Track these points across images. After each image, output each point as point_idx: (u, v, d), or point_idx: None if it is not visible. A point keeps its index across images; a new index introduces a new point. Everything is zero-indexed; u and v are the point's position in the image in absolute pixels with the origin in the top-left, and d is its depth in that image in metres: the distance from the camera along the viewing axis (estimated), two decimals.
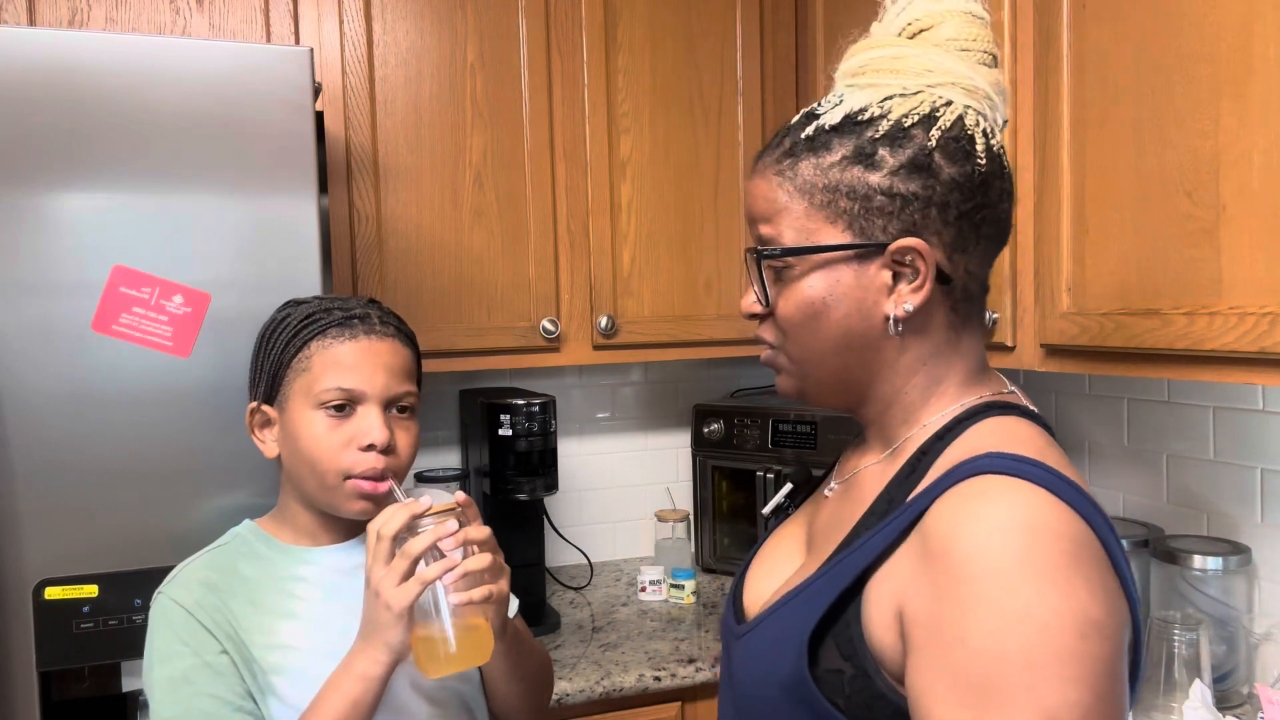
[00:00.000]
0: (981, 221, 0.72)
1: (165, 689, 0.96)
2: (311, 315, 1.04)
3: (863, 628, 0.67)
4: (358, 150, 1.70)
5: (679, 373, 2.33)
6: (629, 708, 1.61)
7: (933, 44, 0.72)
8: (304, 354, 1.02)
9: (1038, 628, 0.58)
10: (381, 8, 1.71)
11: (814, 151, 0.72)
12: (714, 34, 1.92)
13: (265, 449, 1.07)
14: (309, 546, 1.07)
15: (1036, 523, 0.61)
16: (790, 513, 0.93)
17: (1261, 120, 0.98)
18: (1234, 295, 1.02)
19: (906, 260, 0.70)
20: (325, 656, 0.97)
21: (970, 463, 0.66)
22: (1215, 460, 1.48)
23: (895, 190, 0.70)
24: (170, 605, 1.00)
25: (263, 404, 1.06)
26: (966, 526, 0.62)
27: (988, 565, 0.60)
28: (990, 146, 0.72)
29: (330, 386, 1.00)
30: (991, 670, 0.58)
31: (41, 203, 1.17)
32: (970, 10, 0.73)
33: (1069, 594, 0.59)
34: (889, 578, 0.66)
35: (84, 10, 1.53)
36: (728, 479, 2.12)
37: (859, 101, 0.72)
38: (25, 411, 1.17)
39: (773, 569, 0.85)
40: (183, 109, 1.22)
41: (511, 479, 1.77)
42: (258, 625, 1.01)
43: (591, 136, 1.84)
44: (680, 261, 1.92)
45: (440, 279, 1.76)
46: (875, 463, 0.78)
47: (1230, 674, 1.38)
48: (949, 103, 0.71)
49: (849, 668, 0.67)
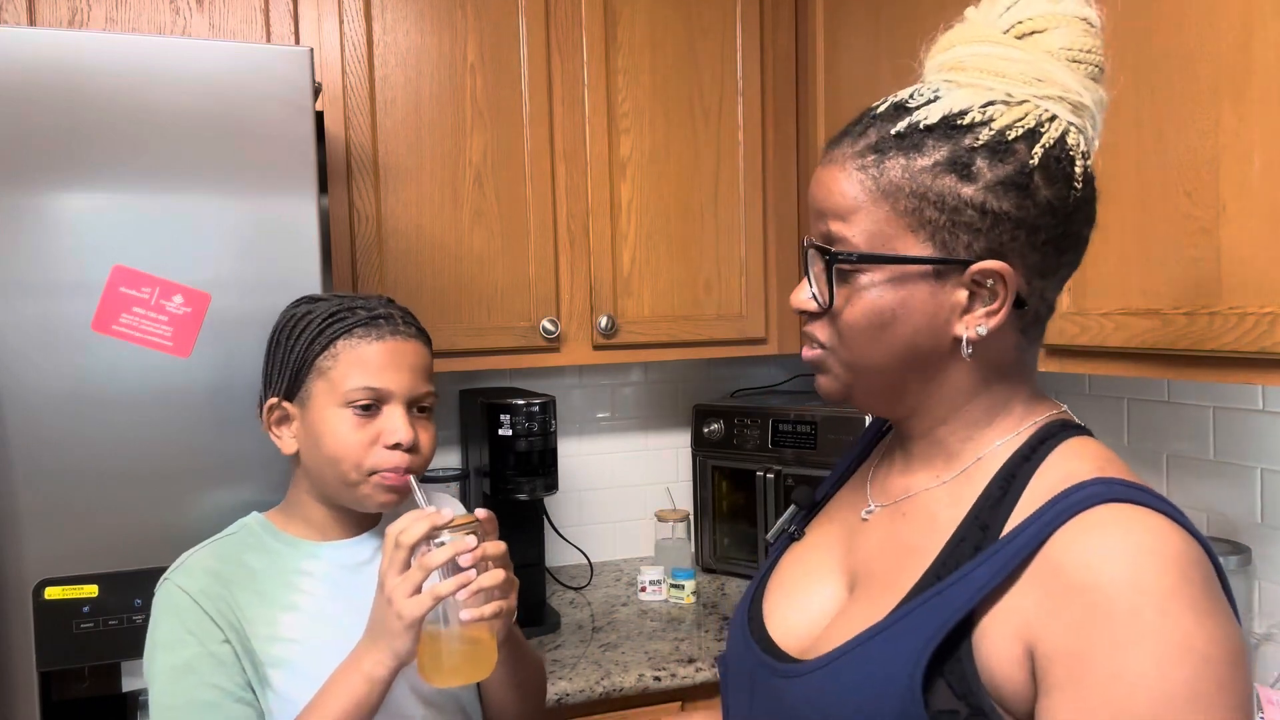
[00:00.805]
0: (1066, 248, 0.68)
1: (168, 677, 0.96)
2: (336, 313, 1.04)
3: (975, 665, 0.63)
4: (358, 150, 1.70)
5: (679, 373, 2.33)
6: (629, 708, 1.61)
7: (1044, 49, 0.66)
8: (329, 352, 1.02)
9: (1200, 660, 0.56)
10: (381, 8, 1.71)
11: (904, 151, 0.66)
12: (714, 34, 1.92)
13: (283, 445, 1.06)
14: (317, 541, 1.07)
15: (1175, 552, 0.59)
16: (797, 537, 0.87)
17: (1261, 120, 0.98)
18: (1234, 295, 1.02)
19: (987, 283, 0.66)
20: (326, 651, 0.98)
21: (1084, 489, 0.63)
22: (1215, 460, 1.48)
23: (988, 207, 0.65)
24: (176, 592, 1.00)
25: (283, 400, 1.06)
26: (1109, 558, 0.59)
27: (1142, 598, 0.57)
28: (1087, 169, 0.67)
29: (358, 386, 1.01)
30: (1158, 705, 0.56)
31: (41, 203, 1.17)
32: (1087, 17, 0.68)
33: (1221, 622, 0.58)
34: (1009, 611, 0.63)
35: (84, 10, 1.53)
36: (728, 479, 2.12)
37: (959, 102, 0.66)
38: (25, 411, 1.17)
39: (801, 600, 0.79)
40: (183, 109, 1.22)
41: (511, 479, 1.77)
42: (261, 617, 1.01)
43: (591, 136, 1.84)
44: (680, 261, 1.92)
45: (440, 279, 1.76)
46: (939, 483, 0.73)
47: None
48: (1054, 118, 0.66)
49: (964, 708, 0.63)
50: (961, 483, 0.72)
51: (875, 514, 0.78)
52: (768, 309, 1.99)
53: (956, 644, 0.64)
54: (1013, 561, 0.63)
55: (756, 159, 1.96)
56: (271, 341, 1.08)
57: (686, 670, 1.62)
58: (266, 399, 1.07)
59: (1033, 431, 0.71)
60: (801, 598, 0.79)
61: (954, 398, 0.72)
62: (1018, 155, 0.65)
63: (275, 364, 1.07)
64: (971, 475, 0.71)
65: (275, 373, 1.06)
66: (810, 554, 0.83)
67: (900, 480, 0.77)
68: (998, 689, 0.62)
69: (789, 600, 0.80)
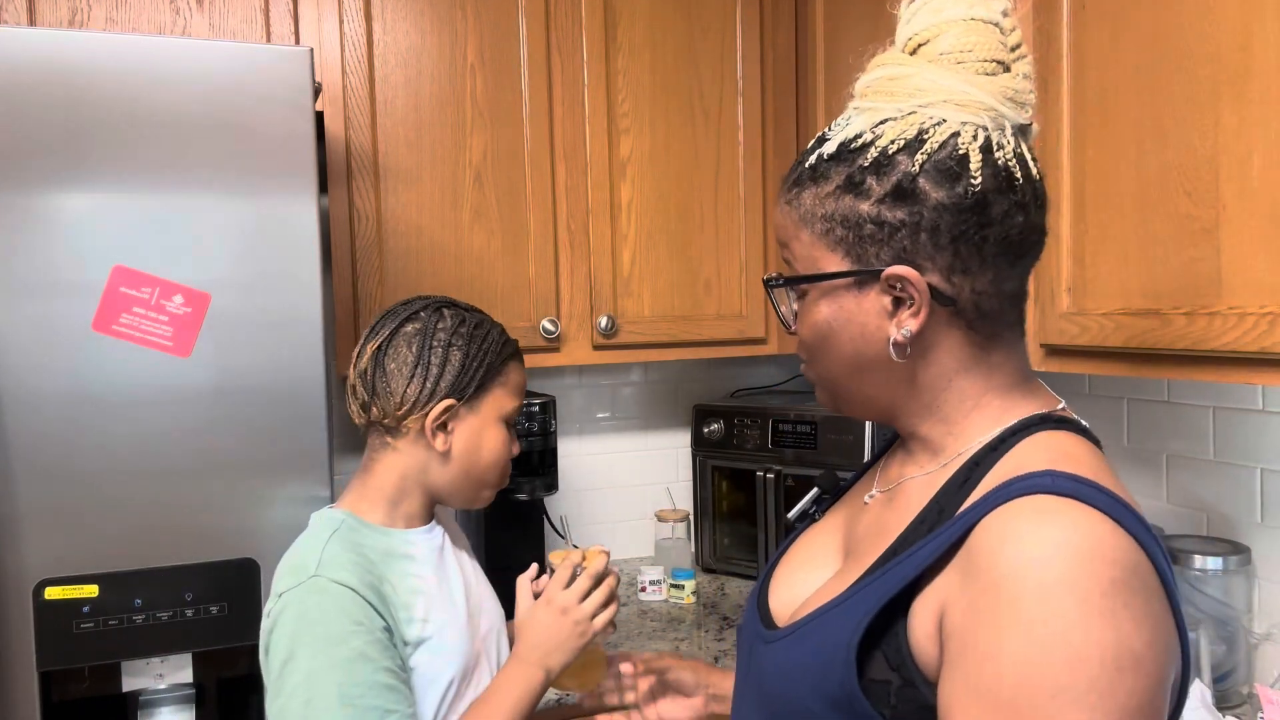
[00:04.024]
0: (983, 241, 0.70)
1: (345, 669, 0.96)
2: (503, 332, 1.17)
3: (909, 638, 0.66)
4: (358, 150, 1.70)
5: (679, 373, 2.33)
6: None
7: (928, 59, 0.71)
8: (507, 369, 1.15)
9: (1073, 655, 0.56)
10: (381, 8, 1.71)
11: (814, 181, 0.73)
12: (714, 34, 1.92)
13: (437, 443, 1.10)
14: (403, 529, 1.12)
15: (1089, 547, 0.59)
16: (816, 518, 0.92)
17: (1261, 120, 0.98)
18: (1234, 295, 1.02)
19: (898, 287, 0.70)
20: (448, 629, 1.09)
21: (1025, 479, 0.64)
22: (1215, 460, 1.48)
23: (883, 218, 0.70)
24: (338, 588, 1.00)
25: (460, 403, 1.11)
26: (1014, 544, 0.61)
27: (1029, 585, 0.58)
28: (993, 161, 0.69)
29: (516, 406, 1.17)
30: (1019, 693, 0.57)
31: (41, 203, 1.17)
32: (972, 16, 0.71)
33: (1111, 623, 0.57)
34: (935, 589, 0.66)
35: (84, 10, 1.53)
36: (728, 479, 2.12)
37: (855, 128, 0.72)
38: (25, 412, 1.17)
39: (803, 575, 0.84)
40: (183, 109, 1.22)
41: (511, 479, 1.77)
42: (400, 602, 1.06)
43: (591, 136, 1.84)
44: (680, 261, 1.92)
45: (440, 279, 1.76)
46: (924, 473, 0.77)
47: (1230, 674, 1.38)
48: (941, 122, 0.69)
49: (896, 678, 0.66)
50: (942, 474, 0.75)
51: (874, 499, 0.83)
52: (768, 309, 1.99)
53: (896, 617, 0.67)
54: (947, 542, 0.66)
55: (756, 159, 1.96)
56: (436, 343, 1.10)
57: None
58: (438, 399, 1.09)
59: (1011, 423, 0.73)
60: (802, 574, 0.84)
61: (919, 396, 0.75)
62: (900, 166, 0.69)
63: (451, 367, 1.10)
64: (950, 466, 0.74)
65: (452, 376, 1.10)
66: (819, 536, 0.88)
67: (898, 470, 0.82)
68: (924, 662, 0.66)
69: (792, 576, 0.85)
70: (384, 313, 1.15)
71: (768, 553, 1.98)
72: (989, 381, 0.74)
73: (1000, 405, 0.74)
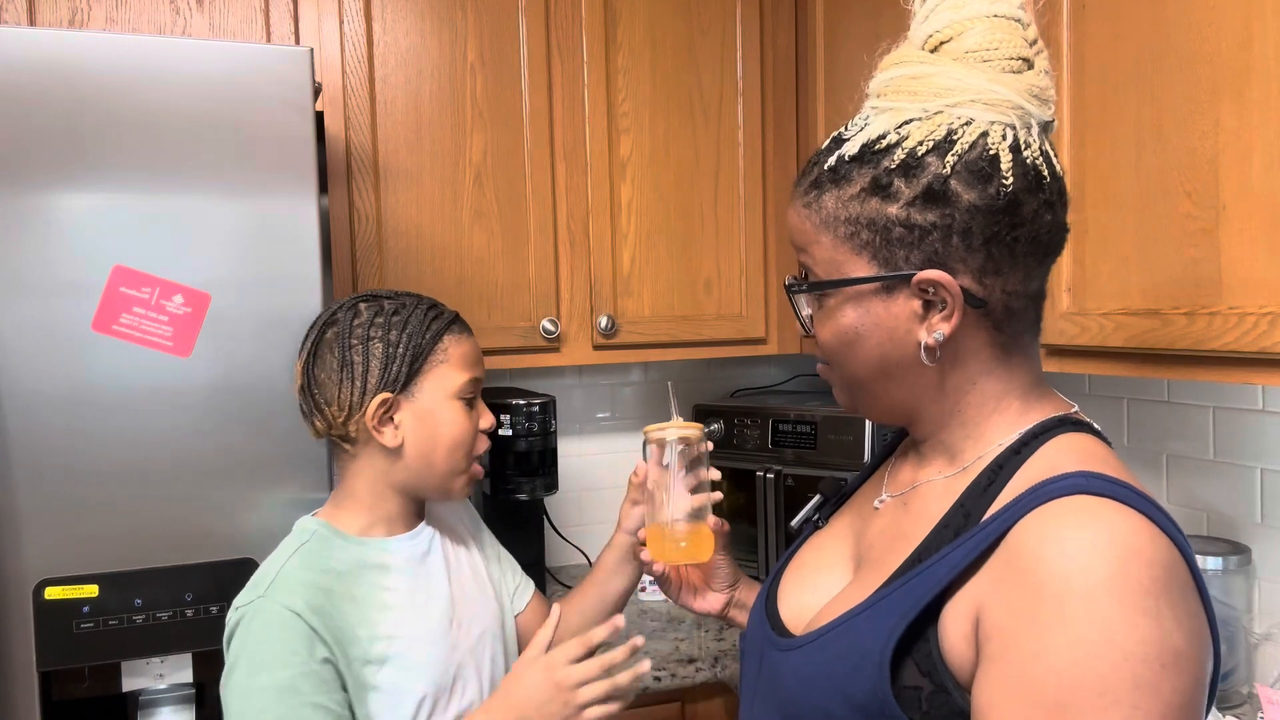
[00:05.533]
0: (1015, 241, 0.69)
1: (269, 696, 0.95)
2: (429, 309, 1.11)
3: (940, 644, 0.66)
4: (358, 150, 1.70)
5: (679, 373, 2.33)
6: (629, 708, 1.61)
7: (953, 58, 0.69)
8: (440, 346, 1.09)
9: (1119, 654, 0.56)
10: (381, 8, 1.71)
11: (836, 184, 0.71)
12: (714, 34, 1.92)
13: (386, 439, 1.06)
14: (382, 537, 1.10)
15: (1130, 547, 0.59)
16: (821, 525, 0.91)
17: (1261, 120, 0.98)
18: (1234, 295, 1.02)
19: (930, 291, 0.69)
20: (419, 643, 1.05)
21: (1061, 480, 0.64)
22: (1215, 460, 1.48)
23: (913, 221, 0.68)
24: (282, 611, 0.98)
25: (396, 394, 1.07)
26: (1057, 544, 0.60)
27: (1075, 585, 0.58)
28: (1022, 160, 0.68)
29: (468, 379, 1.10)
30: (1065, 692, 0.57)
31: (41, 203, 1.17)
32: (995, 12, 0.70)
33: (1155, 622, 0.57)
34: (969, 592, 0.65)
35: (84, 10, 1.53)
36: (728, 479, 2.12)
37: (878, 129, 0.70)
38: (25, 411, 1.17)
39: (814, 582, 0.83)
40: (183, 109, 1.22)
41: (511, 479, 1.78)
42: (360, 619, 1.03)
43: (591, 136, 1.84)
44: (680, 261, 1.92)
45: (440, 279, 1.76)
46: (941, 477, 0.76)
47: (1230, 674, 1.38)
48: (969, 122, 0.68)
49: (928, 684, 0.65)
50: (962, 477, 0.74)
51: (885, 504, 0.82)
52: (768, 309, 1.99)
53: (927, 623, 0.66)
54: (980, 546, 0.65)
55: (756, 159, 1.96)
56: (355, 340, 1.07)
57: (687, 670, 1.62)
58: (370, 396, 1.05)
59: (1031, 425, 0.72)
60: (812, 580, 0.84)
61: (942, 400, 0.75)
62: (930, 168, 0.68)
63: (375, 361, 1.06)
64: (971, 472, 0.74)
65: (378, 369, 1.06)
66: (827, 541, 0.88)
67: (910, 474, 0.81)
68: (956, 666, 0.65)
69: (801, 582, 0.85)
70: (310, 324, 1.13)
71: (768, 552, 1.97)
72: (1009, 384, 0.74)
73: (1019, 408, 0.74)
